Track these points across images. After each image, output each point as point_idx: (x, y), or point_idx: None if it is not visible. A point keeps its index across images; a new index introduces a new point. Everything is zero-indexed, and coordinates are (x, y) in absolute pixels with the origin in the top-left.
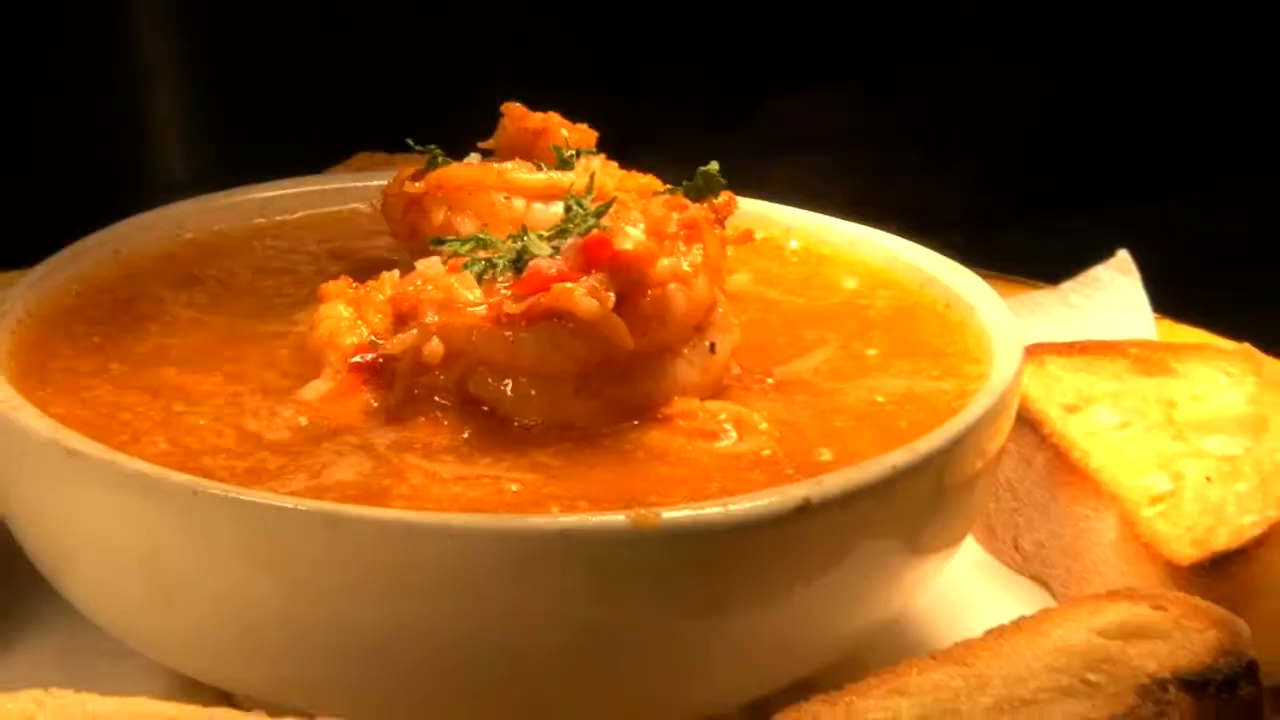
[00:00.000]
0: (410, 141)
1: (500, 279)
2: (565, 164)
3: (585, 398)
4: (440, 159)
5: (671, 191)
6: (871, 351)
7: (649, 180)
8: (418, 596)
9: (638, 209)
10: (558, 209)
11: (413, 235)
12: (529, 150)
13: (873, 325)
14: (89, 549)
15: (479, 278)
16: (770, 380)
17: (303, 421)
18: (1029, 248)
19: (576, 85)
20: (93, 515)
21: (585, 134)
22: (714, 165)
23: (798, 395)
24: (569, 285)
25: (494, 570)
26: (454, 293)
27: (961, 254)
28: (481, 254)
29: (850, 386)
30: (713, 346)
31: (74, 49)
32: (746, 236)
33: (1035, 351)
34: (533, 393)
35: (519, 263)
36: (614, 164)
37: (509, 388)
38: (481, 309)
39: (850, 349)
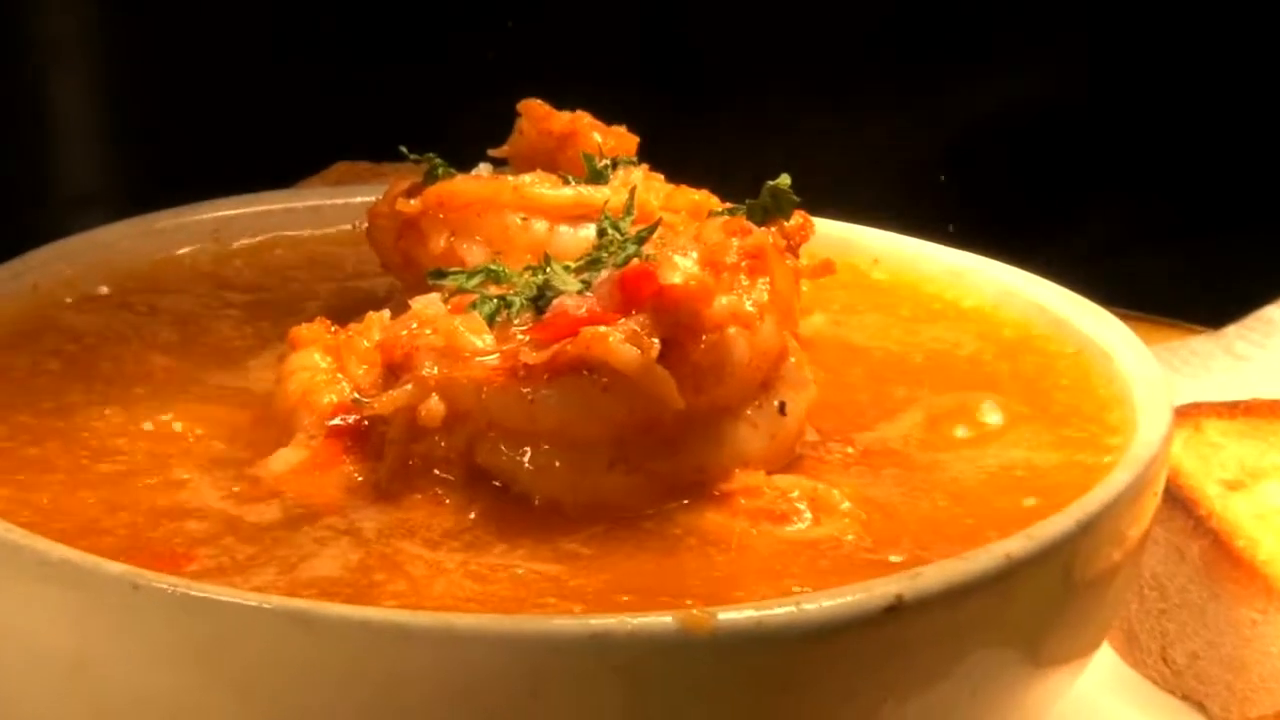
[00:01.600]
0: (404, 149)
1: (516, 321)
2: (598, 176)
3: (623, 471)
4: (441, 170)
5: (732, 212)
6: (980, 413)
7: (703, 197)
8: (412, 714)
9: (689, 233)
10: (589, 233)
11: (406, 266)
12: (552, 159)
13: (982, 380)
14: (1, 656)
15: (490, 319)
16: (853, 449)
17: (270, 500)
18: (1181, 281)
19: (612, 77)
20: (6, 614)
21: (623, 138)
22: (785, 178)
23: (888, 468)
24: (603, 330)
25: (508, 682)
26: (458, 338)
27: (1094, 289)
28: (493, 289)
29: (953, 457)
30: (782, 407)
31: None
32: (825, 268)
33: (1190, 413)
34: (557, 464)
35: (540, 301)
36: (659, 176)
37: (527, 458)
38: (493, 359)
39: (953, 410)
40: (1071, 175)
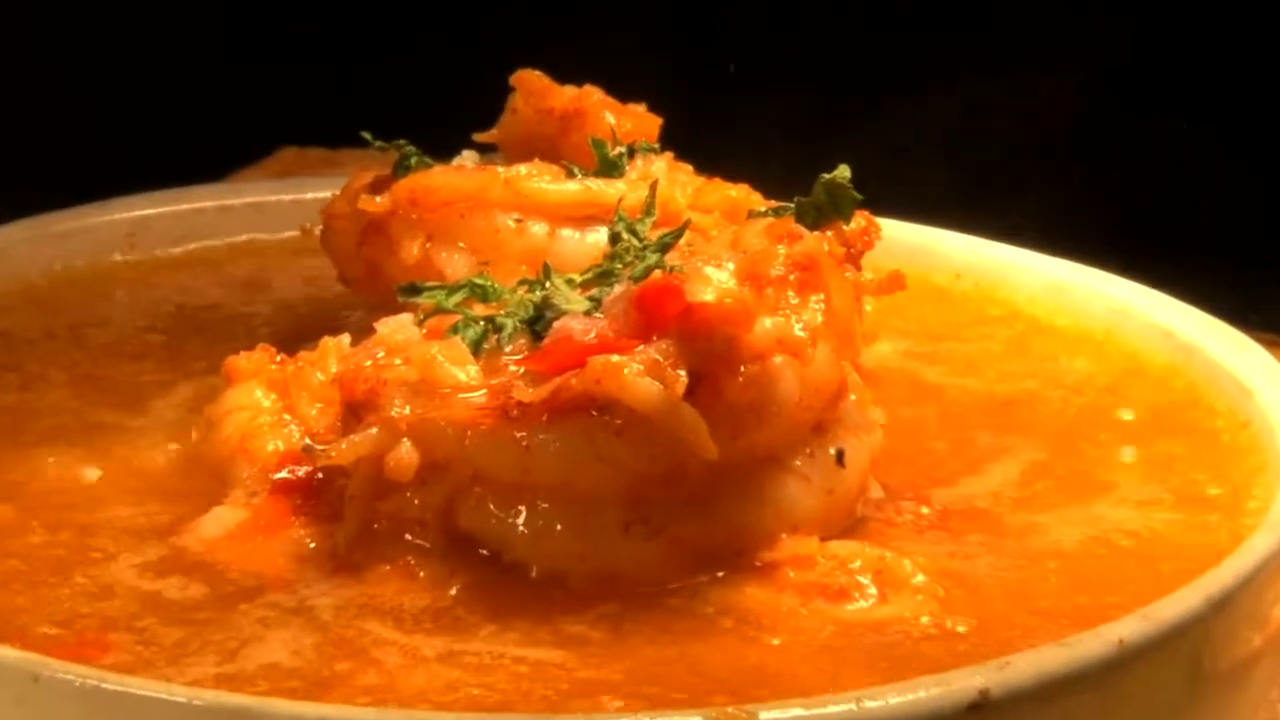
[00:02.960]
0: (367, 135)
1: (508, 349)
2: (611, 167)
3: (641, 535)
4: (415, 159)
5: (777, 212)
6: (1086, 465)
7: (741, 193)
8: None
9: (724, 239)
10: (599, 238)
11: (371, 279)
12: (553, 146)
13: (1088, 422)
14: None
15: (475, 346)
16: (928, 509)
17: (198, 572)
18: None
19: (628, 48)
20: None
21: (642, 120)
22: (843, 170)
23: (971, 533)
24: (616, 359)
25: None
26: (435, 370)
27: (1229, 310)
28: (479, 309)
29: (1051, 520)
30: (840, 456)
31: None
32: (894, 282)
33: None
34: (558, 527)
35: (538, 323)
36: (687, 167)
37: (521, 519)
38: (479, 396)
39: (1052, 461)
40: (1194, 165)
